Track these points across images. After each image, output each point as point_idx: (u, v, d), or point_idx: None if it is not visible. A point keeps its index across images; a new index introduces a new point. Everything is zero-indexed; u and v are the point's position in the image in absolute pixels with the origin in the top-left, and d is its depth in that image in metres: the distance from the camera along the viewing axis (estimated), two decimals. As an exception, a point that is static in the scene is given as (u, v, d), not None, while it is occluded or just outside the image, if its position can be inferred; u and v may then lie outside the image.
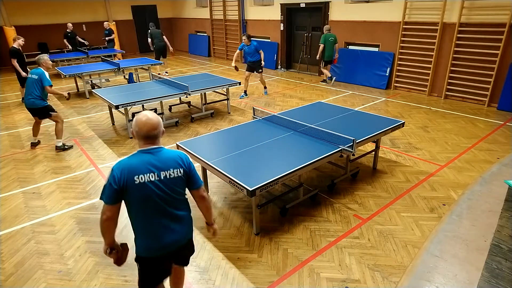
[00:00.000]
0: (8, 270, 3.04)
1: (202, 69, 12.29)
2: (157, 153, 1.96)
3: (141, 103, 5.97)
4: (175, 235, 2.04)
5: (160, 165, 1.94)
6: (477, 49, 7.26)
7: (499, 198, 1.63)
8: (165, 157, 1.97)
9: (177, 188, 2.00)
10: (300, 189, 3.80)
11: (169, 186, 1.96)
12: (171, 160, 1.98)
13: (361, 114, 4.90)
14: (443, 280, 1.16)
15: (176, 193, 2.00)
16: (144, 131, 1.91)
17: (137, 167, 1.90)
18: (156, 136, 1.96)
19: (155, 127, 1.93)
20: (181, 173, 1.99)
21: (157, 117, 1.96)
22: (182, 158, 2.02)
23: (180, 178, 2.00)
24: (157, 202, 1.94)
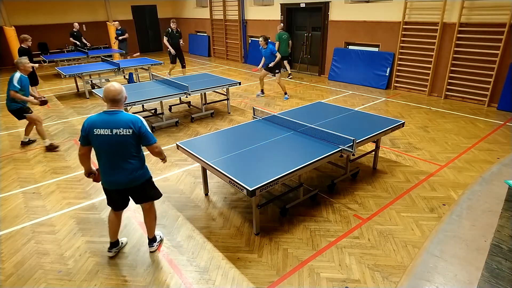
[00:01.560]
0: (8, 270, 3.04)
1: (202, 69, 12.29)
2: (114, 115, 2.64)
3: (141, 103, 5.97)
4: (120, 176, 2.75)
5: (113, 124, 2.61)
6: (477, 49, 7.26)
7: (499, 198, 1.63)
8: (119, 119, 2.63)
9: (125, 142, 2.64)
10: (300, 189, 3.80)
11: (118, 140, 2.63)
12: (123, 122, 2.62)
13: (361, 114, 4.90)
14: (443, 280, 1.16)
15: (124, 146, 2.65)
16: (110, 96, 2.63)
17: (97, 123, 2.64)
18: (118, 100, 2.65)
19: (118, 93, 2.63)
20: (129, 132, 2.62)
21: (120, 86, 2.65)
22: (133, 122, 2.63)
23: (129, 136, 2.63)
24: (109, 150, 2.67)
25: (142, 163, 2.85)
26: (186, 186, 4.39)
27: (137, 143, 2.73)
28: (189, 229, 3.53)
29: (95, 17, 15.15)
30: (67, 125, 6.77)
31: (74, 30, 12.35)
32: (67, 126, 6.72)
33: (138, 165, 2.79)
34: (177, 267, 3.01)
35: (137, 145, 2.74)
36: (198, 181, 4.43)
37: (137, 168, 2.78)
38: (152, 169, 4.80)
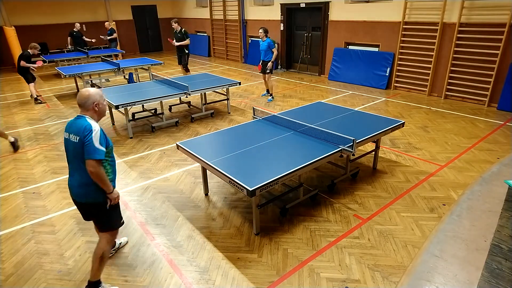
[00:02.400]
0: (8, 270, 3.04)
1: (202, 69, 12.29)
2: (76, 119, 2.48)
3: (141, 103, 5.97)
4: (72, 184, 2.55)
5: (71, 128, 2.47)
6: (477, 49, 7.26)
7: (499, 198, 1.63)
8: (76, 123, 2.45)
9: (77, 150, 2.42)
10: (300, 189, 3.80)
11: (72, 146, 2.45)
12: (77, 127, 2.42)
13: (361, 114, 4.90)
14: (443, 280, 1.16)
15: (76, 154, 2.43)
16: (77, 100, 2.52)
17: (66, 126, 2.53)
18: (81, 105, 2.49)
19: (82, 98, 2.48)
20: (77, 140, 2.40)
21: (87, 91, 2.49)
22: (82, 129, 2.39)
23: (77, 144, 2.40)
24: (68, 155, 2.53)
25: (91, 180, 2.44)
26: (186, 186, 4.39)
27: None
28: (189, 229, 3.53)
29: (95, 17, 15.15)
30: (67, 125, 6.77)
31: (74, 30, 12.28)
32: (67, 126, 6.71)
33: (88, 180, 2.43)
34: (177, 267, 3.01)
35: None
36: (198, 181, 4.43)
37: (85, 183, 2.46)
38: (152, 169, 4.82)
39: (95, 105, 2.50)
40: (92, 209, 2.60)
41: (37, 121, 7.09)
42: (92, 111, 2.51)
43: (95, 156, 2.35)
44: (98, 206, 2.56)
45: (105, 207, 2.56)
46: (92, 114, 2.51)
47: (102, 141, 2.41)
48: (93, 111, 2.51)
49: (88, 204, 2.56)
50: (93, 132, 2.37)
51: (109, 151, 2.53)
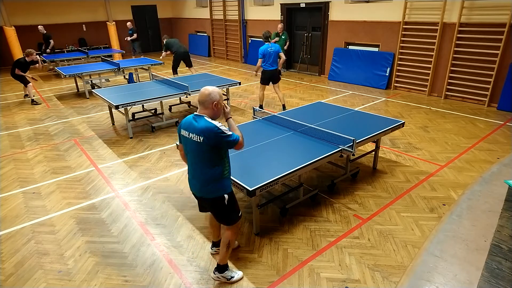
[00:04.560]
0: (8, 270, 3.04)
1: (202, 69, 12.29)
2: (195, 118, 2.49)
3: (141, 103, 5.97)
4: (195, 182, 2.61)
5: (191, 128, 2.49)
6: (477, 49, 7.26)
7: (499, 198, 1.63)
8: (197, 123, 2.45)
9: (201, 149, 2.45)
10: (300, 189, 3.80)
11: (194, 145, 2.47)
12: (200, 127, 2.43)
13: (361, 114, 4.90)
14: (443, 280, 1.16)
15: (199, 153, 2.49)
16: (198, 98, 2.49)
17: (184, 123, 2.56)
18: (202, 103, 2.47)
19: (203, 96, 2.47)
20: (201, 139, 2.41)
21: (207, 90, 2.47)
22: (207, 130, 2.39)
23: (201, 143, 2.43)
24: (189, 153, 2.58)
25: (218, 175, 2.54)
26: (186, 186, 4.39)
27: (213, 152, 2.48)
28: (189, 229, 3.53)
29: (95, 17, 15.15)
30: (67, 125, 6.77)
31: (42, 33, 11.59)
32: (67, 126, 6.72)
33: (211, 177, 2.52)
34: (177, 267, 3.01)
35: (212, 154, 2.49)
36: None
37: (207, 180, 2.54)
38: (152, 169, 4.82)
39: (214, 104, 2.48)
40: (213, 204, 2.65)
41: (37, 121, 7.09)
42: (210, 110, 2.49)
43: (234, 139, 2.47)
44: (219, 201, 2.60)
45: (225, 202, 2.60)
46: (210, 113, 2.50)
47: (227, 130, 2.48)
48: (211, 110, 2.50)
49: (211, 199, 2.61)
50: (220, 129, 2.40)
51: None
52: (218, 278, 2.81)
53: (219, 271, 2.80)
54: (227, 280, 2.82)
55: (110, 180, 4.58)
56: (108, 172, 4.79)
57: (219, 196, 2.57)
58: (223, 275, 2.80)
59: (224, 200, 2.58)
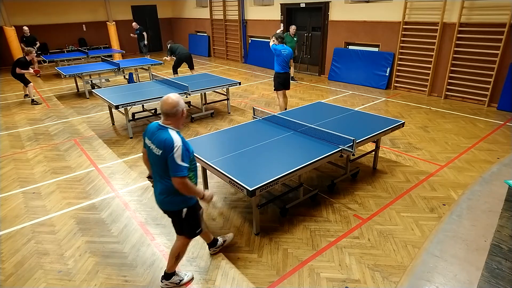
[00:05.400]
0: (8, 270, 3.04)
1: (202, 69, 12.29)
2: (158, 129, 2.42)
3: (141, 103, 5.97)
4: (156, 191, 2.58)
5: (154, 138, 2.43)
6: (477, 49, 7.26)
7: (499, 198, 1.63)
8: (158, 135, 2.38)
9: (159, 162, 2.39)
10: (300, 189, 3.80)
11: (155, 157, 2.41)
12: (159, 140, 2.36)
13: (361, 114, 4.90)
14: (443, 280, 1.16)
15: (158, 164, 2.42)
16: (163, 109, 2.39)
17: (147, 131, 2.52)
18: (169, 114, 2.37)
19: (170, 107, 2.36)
20: (159, 153, 2.35)
21: (172, 99, 2.36)
22: (164, 144, 2.32)
23: (160, 156, 2.36)
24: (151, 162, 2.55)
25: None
26: (186, 186, 4.38)
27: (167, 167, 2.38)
28: (189, 229, 3.52)
29: (95, 17, 15.15)
30: (67, 125, 6.77)
31: (25, 35, 11.12)
32: (67, 126, 6.72)
33: (168, 189, 2.43)
34: (177, 267, 3.01)
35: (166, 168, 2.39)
36: (198, 181, 4.43)
37: (165, 191, 2.46)
38: (152, 169, 4.81)
39: (183, 112, 2.40)
40: (173, 216, 2.64)
41: (37, 121, 7.09)
42: (178, 119, 2.40)
43: (179, 173, 2.29)
44: (177, 214, 2.57)
45: (182, 215, 2.55)
46: (178, 122, 2.41)
47: (185, 156, 2.30)
48: (180, 118, 2.41)
49: (169, 211, 2.60)
50: (174, 148, 2.27)
51: (191, 160, 2.45)
52: (167, 285, 2.78)
53: (165, 279, 2.78)
54: (176, 285, 2.80)
55: (110, 180, 4.58)
56: (108, 172, 4.79)
57: (178, 210, 2.53)
58: (171, 281, 2.78)
59: (182, 213, 2.53)
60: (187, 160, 2.34)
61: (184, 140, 2.37)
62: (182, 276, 2.83)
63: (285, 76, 6.51)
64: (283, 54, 6.25)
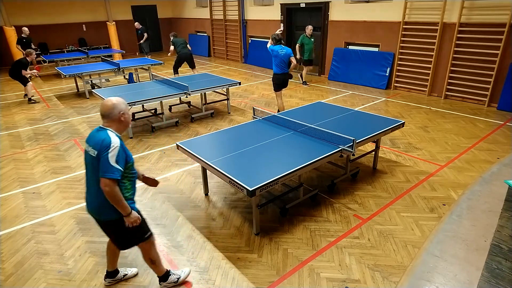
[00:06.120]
0: (8, 270, 3.04)
1: (202, 69, 12.29)
2: (97, 131, 2.34)
3: (141, 103, 5.97)
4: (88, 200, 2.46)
5: (90, 141, 2.35)
6: (477, 49, 7.26)
7: (499, 198, 1.63)
8: (96, 136, 2.30)
9: (94, 165, 2.27)
10: (300, 189, 3.80)
11: (89, 160, 2.31)
12: (96, 140, 2.26)
13: (361, 114, 4.90)
14: (443, 280, 1.16)
15: (93, 168, 2.30)
16: (100, 111, 2.34)
17: (87, 137, 2.39)
18: (106, 116, 2.31)
19: (107, 109, 2.30)
20: (95, 154, 2.24)
21: (111, 101, 2.30)
22: (100, 143, 2.22)
23: (95, 158, 2.24)
24: (86, 168, 2.42)
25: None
26: (186, 186, 4.39)
27: None
28: (189, 229, 3.53)
29: (95, 17, 15.15)
30: (67, 125, 6.77)
31: (23, 36, 10.73)
32: (67, 126, 6.72)
33: (104, 197, 2.23)
34: (177, 267, 3.01)
35: None
36: (198, 181, 4.43)
37: (101, 200, 2.27)
38: (151, 169, 4.81)
39: (121, 114, 2.30)
40: (111, 227, 2.43)
41: (37, 121, 7.09)
42: (117, 122, 2.31)
43: (109, 175, 2.14)
44: (115, 224, 2.36)
45: (123, 225, 2.34)
46: (117, 125, 2.32)
47: (120, 158, 2.19)
48: (118, 122, 2.32)
49: (107, 221, 2.40)
50: (110, 148, 2.16)
51: (129, 167, 2.32)
52: (166, 286, 2.74)
53: (163, 281, 2.72)
54: (175, 283, 2.75)
55: (110, 180, 4.58)
56: (108, 172, 4.78)
57: (114, 219, 2.33)
58: (169, 282, 2.73)
59: (123, 223, 2.33)
60: (122, 164, 2.21)
61: (124, 146, 2.27)
62: (179, 273, 2.81)
63: (284, 77, 6.46)
64: (281, 54, 6.19)
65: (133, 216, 2.32)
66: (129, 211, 2.29)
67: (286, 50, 6.24)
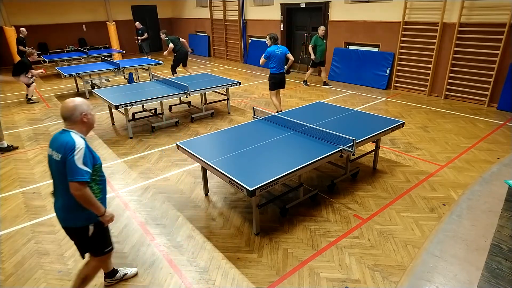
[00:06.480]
0: (8, 270, 3.04)
1: (202, 69, 12.29)
2: (60, 134, 2.24)
3: (141, 103, 5.97)
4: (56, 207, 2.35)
5: (54, 144, 2.24)
6: (477, 49, 7.26)
7: (499, 198, 1.63)
8: (59, 139, 2.20)
9: (59, 170, 2.18)
10: (300, 189, 3.80)
11: (54, 165, 2.21)
12: (59, 143, 2.17)
13: (361, 114, 4.90)
14: (443, 280, 1.16)
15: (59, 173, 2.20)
16: (61, 113, 2.24)
17: (50, 141, 2.26)
18: (67, 118, 2.22)
19: (67, 110, 2.21)
20: (59, 158, 2.14)
21: (73, 102, 2.22)
22: (64, 145, 2.13)
23: (60, 162, 2.15)
24: (52, 174, 2.29)
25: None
26: (186, 186, 4.39)
27: None
28: (189, 229, 3.53)
29: (95, 17, 15.15)
30: (67, 125, 6.77)
31: (21, 36, 10.62)
32: (67, 126, 6.71)
33: (71, 203, 2.16)
34: (177, 267, 3.01)
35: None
36: (198, 181, 4.43)
37: (68, 206, 2.22)
38: (152, 169, 4.81)
39: (83, 116, 2.21)
40: (75, 234, 2.38)
41: (37, 121, 7.09)
42: (80, 124, 2.22)
43: (78, 178, 2.05)
44: (82, 231, 2.31)
45: (88, 233, 2.31)
46: (80, 127, 2.23)
47: (87, 160, 2.11)
48: (81, 123, 2.23)
49: (72, 229, 2.35)
50: (75, 150, 2.07)
51: (96, 169, 2.23)
52: None
53: None
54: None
55: (110, 180, 4.58)
56: (108, 172, 4.79)
57: (82, 227, 2.29)
58: None
59: (88, 231, 2.30)
60: (90, 165, 2.14)
61: (90, 147, 2.21)
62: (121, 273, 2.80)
63: (281, 76, 6.53)
64: (278, 54, 6.27)
65: (108, 214, 2.31)
66: (103, 210, 2.26)
67: (282, 49, 6.35)
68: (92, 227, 2.32)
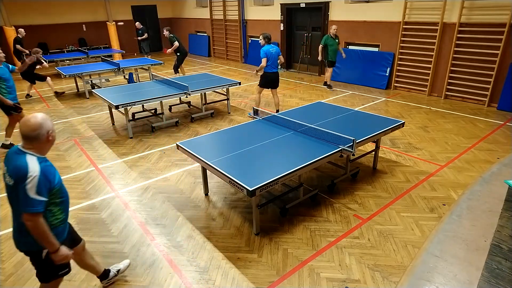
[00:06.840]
0: (8, 270, 3.03)
1: (202, 69, 12.29)
2: (15, 154, 2.03)
3: (141, 103, 5.97)
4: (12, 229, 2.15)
5: (8, 164, 2.04)
6: (477, 49, 7.26)
7: (499, 198, 1.63)
8: (14, 161, 2.00)
9: (11, 194, 2.04)
10: (300, 189, 3.80)
11: (7, 187, 2.05)
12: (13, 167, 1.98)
13: (361, 114, 4.90)
14: (443, 280, 1.16)
15: (11, 197, 2.06)
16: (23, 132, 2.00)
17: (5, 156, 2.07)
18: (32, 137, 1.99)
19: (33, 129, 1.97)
20: (11, 183, 1.98)
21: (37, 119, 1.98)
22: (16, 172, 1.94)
23: (12, 187, 1.99)
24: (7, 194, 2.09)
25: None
26: (186, 186, 4.39)
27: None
28: (189, 229, 3.53)
29: (95, 17, 15.15)
30: (67, 125, 6.77)
31: (19, 37, 10.44)
32: (67, 126, 6.72)
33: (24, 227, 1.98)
34: (177, 267, 3.01)
35: None
36: (198, 181, 4.43)
37: (20, 229, 2.06)
38: (152, 169, 4.81)
39: (49, 134, 2.02)
40: (30, 257, 2.19)
41: (37, 121, 7.08)
42: (44, 143, 2.01)
43: (30, 209, 1.89)
44: (37, 255, 2.13)
45: (41, 256, 2.12)
46: (43, 146, 2.03)
47: (42, 188, 1.91)
48: (45, 142, 2.02)
49: (27, 252, 2.17)
50: (28, 179, 1.87)
51: (55, 192, 2.04)
52: None
53: None
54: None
55: (110, 180, 4.58)
56: (108, 172, 4.79)
57: (35, 250, 2.10)
58: None
59: (41, 254, 2.10)
60: (45, 193, 1.94)
61: (46, 169, 1.98)
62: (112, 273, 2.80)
63: (274, 76, 6.57)
64: (273, 53, 6.34)
65: (62, 253, 2.07)
66: (56, 247, 2.04)
67: (276, 48, 6.44)
68: (46, 252, 2.11)
